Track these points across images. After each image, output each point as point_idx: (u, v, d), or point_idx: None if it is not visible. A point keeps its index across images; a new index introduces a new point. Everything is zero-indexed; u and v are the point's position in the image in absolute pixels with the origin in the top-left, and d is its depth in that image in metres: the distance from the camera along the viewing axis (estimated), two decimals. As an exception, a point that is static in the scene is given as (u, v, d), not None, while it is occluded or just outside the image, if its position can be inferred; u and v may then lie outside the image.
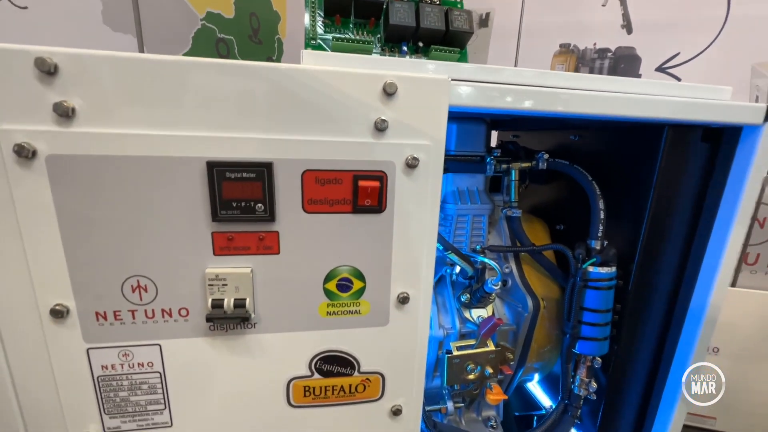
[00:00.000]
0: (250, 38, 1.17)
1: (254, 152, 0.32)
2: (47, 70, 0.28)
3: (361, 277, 0.36)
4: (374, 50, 0.42)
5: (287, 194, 0.33)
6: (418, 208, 0.36)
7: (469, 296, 0.54)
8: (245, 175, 0.32)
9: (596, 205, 0.50)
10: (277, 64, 0.31)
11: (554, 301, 0.57)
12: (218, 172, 0.31)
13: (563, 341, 0.54)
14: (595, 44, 1.29)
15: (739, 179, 0.44)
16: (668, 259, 0.49)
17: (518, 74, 0.38)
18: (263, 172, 0.32)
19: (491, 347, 0.52)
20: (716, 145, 0.46)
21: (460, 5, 0.42)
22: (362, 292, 0.37)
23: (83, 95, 0.29)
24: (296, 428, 0.40)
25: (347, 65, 0.33)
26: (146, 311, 0.34)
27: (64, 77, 0.28)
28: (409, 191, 0.35)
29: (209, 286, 0.34)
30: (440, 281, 0.57)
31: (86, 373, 0.34)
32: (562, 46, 1.32)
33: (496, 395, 0.54)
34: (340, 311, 0.37)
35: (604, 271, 0.49)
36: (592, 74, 0.39)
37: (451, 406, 0.55)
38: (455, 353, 0.51)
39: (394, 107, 0.33)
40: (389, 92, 0.32)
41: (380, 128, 0.33)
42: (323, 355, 0.38)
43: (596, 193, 0.51)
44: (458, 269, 0.54)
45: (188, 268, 0.33)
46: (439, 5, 0.40)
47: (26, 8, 0.67)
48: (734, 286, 1.30)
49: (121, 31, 0.80)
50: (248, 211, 0.32)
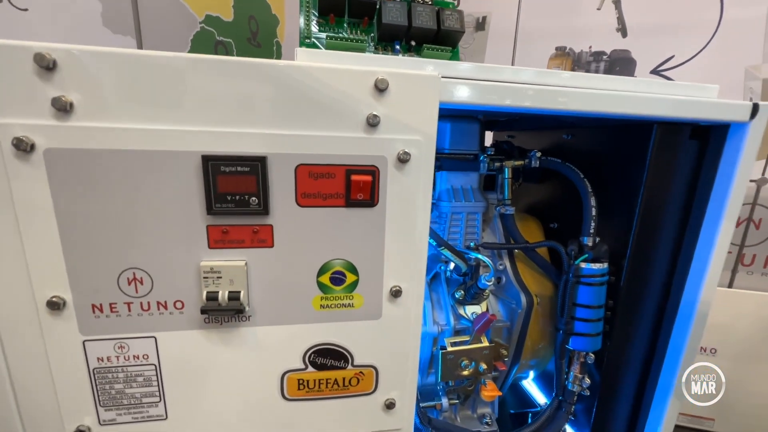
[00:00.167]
0: (248, 41, 1.18)
1: (248, 146, 0.32)
2: (46, 65, 0.28)
3: (354, 270, 0.37)
4: (368, 49, 0.43)
5: (281, 188, 0.34)
6: (409, 202, 0.36)
7: (463, 293, 0.54)
8: (240, 169, 0.32)
9: (588, 202, 0.51)
10: (271, 60, 0.32)
11: (548, 298, 0.57)
12: (213, 166, 0.32)
13: (557, 337, 0.55)
14: (590, 47, 1.30)
15: (727, 176, 0.45)
16: (659, 255, 0.50)
17: (516, 73, 0.39)
18: (257, 166, 0.32)
19: (485, 343, 0.53)
20: (704, 142, 0.47)
21: (452, 5, 0.43)
22: (355, 285, 0.37)
23: (81, 90, 0.29)
24: (291, 421, 0.40)
25: (340, 62, 0.34)
26: (142, 304, 0.34)
27: (62, 73, 0.29)
28: (400, 186, 0.35)
29: (204, 278, 0.34)
30: (435, 278, 0.58)
31: (82, 365, 0.35)
32: (558, 49, 1.33)
33: (490, 391, 0.54)
34: (333, 304, 0.37)
35: (596, 267, 0.50)
36: (584, 73, 0.40)
37: (446, 402, 0.56)
38: (449, 349, 0.51)
39: (385, 103, 0.34)
40: (381, 88, 0.33)
41: (372, 123, 0.34)
42: (317, 348, 0.38)
43: (588, 190, 0.51)
44: (452, 266, 0.55)
45: (183, 260, 0.34)
46: (430, 5, 0.41)
47: (26, 10, 0.68)
48: (731, 287, 1.30)
49: (120, 33, 0.81)
50: (243, 204, 0.33)
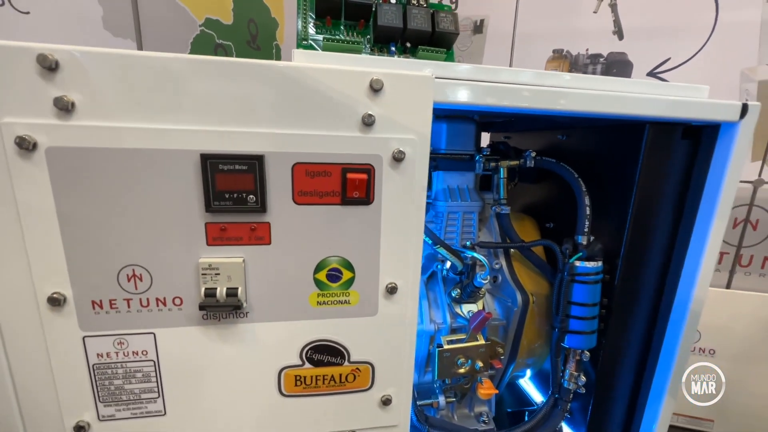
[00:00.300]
0: (248, 44, 1.19)
1: (246, 145, 0.33)
2: (48, 66, 0.29)
3: (350, 267, 0.38)
4: (364, 50, 0.44)
5: (278, 186, 0.34)
6: (405, 200, 0.37)
7: (459, 291, 0.54)
8: (238, 167, 0.33)
9: (582, 201, 0.52)
10: (269, 61, 0.32)
11: (544, 296, 0.58)
12: (212, 164, 0.32)
13: (552, 336, 0.55)
14: (587, 50, 1.32)
15: (718, 175, 0.46)
16: (653, 253, 0.50)
17: (511, 74, 0.40)
18: (255, 164, 0.33)
19: (481, 341, 0.53)
20: (696, 142, 0.48)
21: (446, 8, 0.44)
22: (351, 282, 0.38)
23: (82, 90, 0.30)
24: (288, 417, 0.40)
25: (336, 63, 0.35)
26: (141, 300, 0.35)
27: (64, 73, 0.30)
28: (396, 184, 0.36)
29: (202, 275, 0.35)
30: (432, 277, 0.58)
31: (82, 361, 0.35)
32: (555, 51, 1.34)
33: (487, 389, 0.54)
34: (330, 301, 0.38)
35: (590, 265, 0.50)
36: (577, 74, 0.41)
37: (442, 400, 0.56)
38: (446, 347, 0.52)
39: (380, 103, 0.34)
40: (376, 88, 0.34)
41: (367, 123, 0.34)
42: (314, 344, 0.39)
43: (582, 189, 0.52)
44: (449, 265, 0.55)
45: (182, 257, 0.34)
46: (425, 7, 0.42)
47: (28, 13, 0.69)
48: (729, 287, 1.31)
49: (121, 36, 0.82)
50: (240, 202, 0.34)
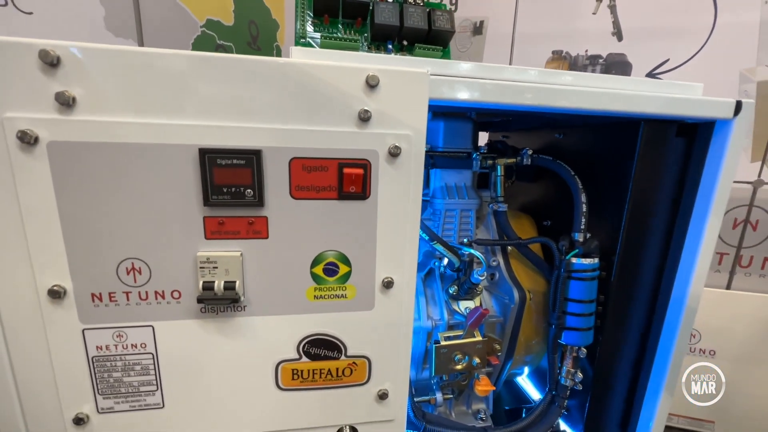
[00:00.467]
0: (249, 45, 1.20)
1: (244, 140, 0.33)
2: (50, 61, 0.29)
3: (346, 261, 0.38)
4: (361, 48, 0.44)
5: (276, 181, 0.35)
6: (400, 194, 0.37)
7: (456, 288, 0.55)
8: (235, 161, 0.33)
9: (579, 198, 0.52)
10: (267, 57, 0.33)
11: (541, 294, 0.58)
12: (210, 158, 0.33)
13: (549, 332, 0.56)
14: (586, 51, 1.32)
15: (713, 171, 0.46)
16: (649, 250, 0.51)
17: (507, 72, 0.41)
18: (252, 159, 0.34)
19: (478, 338, 0.53)
20: (691, 140, 0.48)
21: (443, 6, 0.44)
22: (348, 276, 0.38)
23: (83, 85, 0.31)
24: (285, 411, 0.41)
25: (333, 60, 0.35)
26: (140, 293, 0.35)
27: (66, 68, 0.30)
28: (392, 179, 0.37)
29: (200, 268, 0.35)
30: (429, 274, 0.59)
31: (81, 353, 0.35)
32: (554, 52, 1.35)
33: (484, 386, 0.55)
34: (327, 295, 0.38)
35: (586, 262, 0.51)
36: (573, 72, 0.41)
37: (440, 397, 0.56)
38: (443, 343, 0.52)
39: (376, 99, 0.35)
40: (372, 84, 0.34)
41: (364, 118, 0.35)
42: (311, 338, 0.39)
43: (578, 187, 0.52)
44: (446, 262, 0.55)
45: (181, 251, 0.35)
46: (422, 6, 0.43)
47: (31, 13, 0.70)
48: (729, 288, 1.30)
49: (122, 36, 0.83)
50: (238, 196, 0.34)
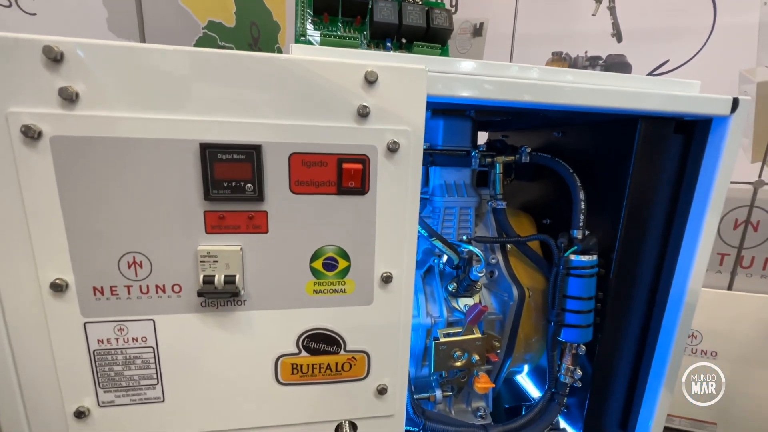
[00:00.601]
0: (250, 47, 1.20)
1: (244, 135, 0.34)
2: (54, 57, 0.30)
3: (346, 256, 0.38)
4: (360, 46, 0.45)
5: (275, 176, 0.35)
6: (399, 190, 0.37)
7: (456, 285, 0.55)
8: (236, 156, 0.34)
9: (577, 196, 0.52)
10: (267, 53, 0.33)
11: (540, 291, 0.58)
12: (210, 153, 0.33)
13: (549, 330, 0.56)
14: (586, 52, 1.33)
15: (711, 168, 0.46)
16: (647, 246, 0.51)
17: (505, 69, 0.41)
18: (253, 154, 0.34)
19: (477, 334, 0.53)
20: (689, 137, 0.48)
21: (441, 5, 0.45)
22: (347, 271, 0.39)
23: (86, 81, 0.31)
24: (284, 405, 0.41)
25: (332, 56, 0.36)
26: (141, 287, 0.35)
27: (69, 64, 0.31)
28: (390, 174, 0.37)
29: (201, 262, 0.35)
30: (429, 272, 0.59)
31: (83, 347, 0.36)
32: (554, 54, 1.35)
33: (483, 383, 0.55)
34: (326, 290, 0.39)
35: (585, 259, 0.51)
36: (570, 69, 0.42)
37: (439, 394, 0.56)
38: (442, 339, 0.52)
39: (375, 95, 0.35)
40: (370, 80, 0.35)
41: (362, 114, 0.35)
42: (310, 332, 0.39)
43: (577, 184, 0.53)
44: (445, 259, 0.56)
45: (181, 245, 0.35)
46: (420, 4, 0.43)
47: (35, 14, 0.71)
48: (730, 289, 1.30)
49: (125, 37, 0.84)
50: (238, 191, 0.34)
